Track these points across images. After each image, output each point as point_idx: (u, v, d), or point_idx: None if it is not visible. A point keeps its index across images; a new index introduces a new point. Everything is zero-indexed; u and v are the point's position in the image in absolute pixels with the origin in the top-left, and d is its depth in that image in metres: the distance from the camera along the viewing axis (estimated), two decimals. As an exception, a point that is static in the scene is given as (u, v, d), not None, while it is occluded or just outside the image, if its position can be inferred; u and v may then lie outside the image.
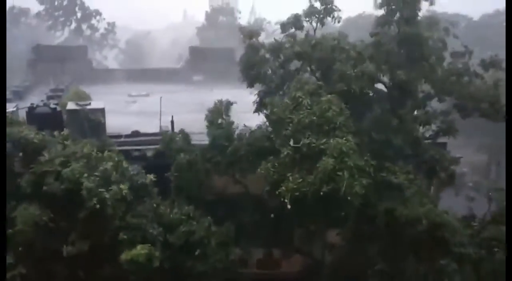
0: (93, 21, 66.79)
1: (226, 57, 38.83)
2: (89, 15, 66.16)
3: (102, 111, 19.20)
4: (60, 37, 68.20)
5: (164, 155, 16.34)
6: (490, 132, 49.32)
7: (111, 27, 68.00)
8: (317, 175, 12.50)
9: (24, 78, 37.42)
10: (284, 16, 17.57)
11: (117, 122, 21.49)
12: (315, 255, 17.06)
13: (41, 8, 66.42)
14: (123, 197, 13.34)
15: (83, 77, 36.58)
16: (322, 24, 16.88)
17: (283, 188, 12.74)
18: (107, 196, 13.05)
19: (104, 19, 66.90)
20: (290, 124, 13.56)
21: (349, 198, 12.25)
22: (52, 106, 19.19)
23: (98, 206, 12.88)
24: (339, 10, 16.53)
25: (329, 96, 13.74)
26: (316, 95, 14.03)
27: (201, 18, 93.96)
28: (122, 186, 13.43)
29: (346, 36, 16.62)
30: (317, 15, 16.69)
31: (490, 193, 17.01)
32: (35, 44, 43.42)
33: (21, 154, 14.43)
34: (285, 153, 13.27)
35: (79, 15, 66.51)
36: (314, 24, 16.94)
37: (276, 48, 16.76)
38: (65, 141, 14.82)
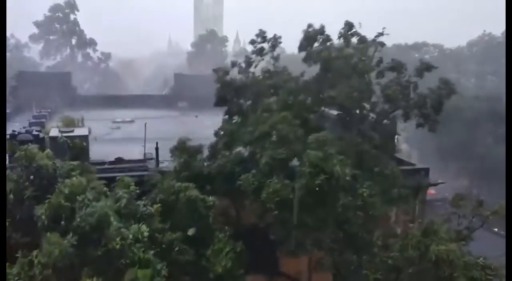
0: (88, 50, 67.19)
1: (211, 84, 39.15)
2: (84, 43, 66.50)
3: (85, 138, 19.05)
4: (51, 61, 68.19)
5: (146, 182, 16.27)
6: (468, 156, 50.53)
7: (106, 57, 68.41)
8: (305, 169, 13.54)
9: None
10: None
11: (100, 149, 21.31)
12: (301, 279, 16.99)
13: (36, 31, 66.29)
14: (142, 237, 13.00)
15: (67, 104, 36.39)
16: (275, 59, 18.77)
17: (264, 194, 13.78)
18: (130, 236, 12.68)
19: (97, 50, 67.44)
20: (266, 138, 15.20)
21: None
22: (35, 133, 18.96)
23: (118, 246, 12.44)
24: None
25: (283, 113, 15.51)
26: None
27: (185, 46, 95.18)
28: (142, 226, 13.13)
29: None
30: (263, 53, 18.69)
31: (473, 218, 17.27)
32: (17, 71, 43.24)
33: (32, 177, 14.09)
34: (264, 161, 14.51)
35: (73, 41, 66.80)
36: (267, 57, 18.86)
37: (244, 84, 18.43)
38: (72, 172, 14.52)
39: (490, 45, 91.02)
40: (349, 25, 17.62)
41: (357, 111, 17.36)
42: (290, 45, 20.35)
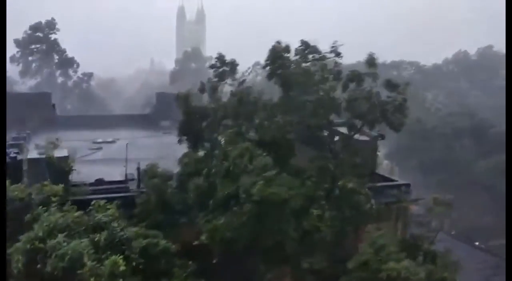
0: (69, 70, 66.60)
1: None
2: (66, 62, 65.92)
3: (65, 159, 18.78)
4: (32, 81, 67.39)
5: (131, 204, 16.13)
6: (447, 171, 51.36)
7: (87, 77, 67.90)
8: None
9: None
10: (251, 62, 19.30)
11: (80, 170, 21.01)
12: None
13: (15, 50, 65.54)
14: (118, 273, 12.43)
15: (47, 125, 35.90)
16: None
17: (203, 237, 13.64)
18: (106, 272, 12.13)
19: (78, 70, 66.92)
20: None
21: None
22: (12, 155, 18.64)
23: None
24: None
25: (245, 144, 15.08)
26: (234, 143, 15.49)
27: (168, 65, 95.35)
28: (118, 259, 12.50)
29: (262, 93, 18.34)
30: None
31: (452, 233, 17.55)
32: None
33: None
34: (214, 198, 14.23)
35: (54, 61, 66.17)
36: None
37: (208, 110, 18.18)
38: (53, 198, 14.14)
39: (465, 63, 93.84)
40: (305, 44, 17.57)
41: (326, 130, 17.37)
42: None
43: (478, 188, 49.93)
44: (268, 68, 17.53)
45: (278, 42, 17.68)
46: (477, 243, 41.56)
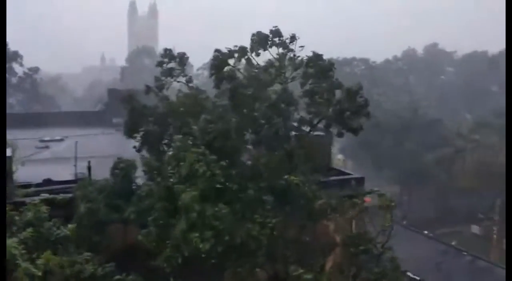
0: (14, 64, 62.74)
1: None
2: (9, 56, 61.93)
3: (8, 159, 17.73)
4: None
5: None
6: (397, 164, 53.39)
7: (33, 72, 64.26)
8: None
9: None
10: (204, 58, 18.59)
11: (26, 170, 19.96)
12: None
13: None
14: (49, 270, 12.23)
15: (-12, 123, 33.82)
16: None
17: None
18: (38, 273, 11.90)
19: (23, 64, 63.19)
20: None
21: None
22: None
23: None
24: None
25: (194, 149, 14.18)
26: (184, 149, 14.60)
27: (120, 62, 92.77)
28: (52, 258, 12.34)
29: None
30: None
31: (404, 222, 18.11)
32: None
33: None
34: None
35: None
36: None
37: (156, 110, 17.31)
38: None
39: (413, 60, 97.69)
40: (262, 38, 17.04)
41: (281, 129, 16.67)
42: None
43: (425, 180, 52.26)
44: (213, 77, 16.96)
45: (218, 51, 16.91)
46: (426, 232, 43.47)
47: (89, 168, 18.95)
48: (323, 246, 16.22)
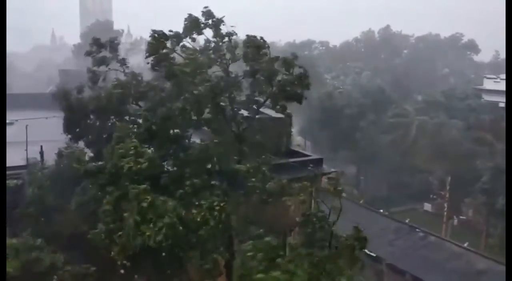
0: None
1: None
2: None
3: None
4: None
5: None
6: (354, 145, 54.86)
7: None
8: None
9: None
10: None
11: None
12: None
13: None
14: None
15: None
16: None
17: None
18: None
19: None
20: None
21: None
22: None
23: None
24: None
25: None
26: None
27: (71, 40, 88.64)
28: None
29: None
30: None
31: (361, 201, 18.61)
32: None
33: None
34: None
35: None
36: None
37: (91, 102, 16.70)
38: None
39: (371, 42, 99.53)
40: (193, 21, 16.36)
41: (229, 111, 16.49)
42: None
43: (381, 160, 54.00)
44: (150, 60, 16.17)
45: (155, 31, 16.03)
46: (381, 210, 45.09)
47: (41, 153, 18.23)
48: (277, 227, 16.42)
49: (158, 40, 15.87)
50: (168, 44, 16.19)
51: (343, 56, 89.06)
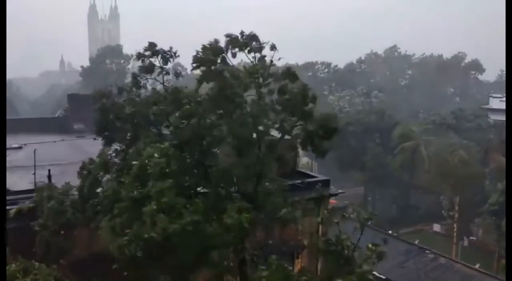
0: None
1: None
2: None
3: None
4: None
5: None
6: (362, 165, 54.60)
7: None
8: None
9: None
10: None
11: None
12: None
13: None
14: None
15: None
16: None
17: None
18: None
19: None
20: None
21: None
22: None
23: None
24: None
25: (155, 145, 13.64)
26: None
27: (78, 65, 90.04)
28: None
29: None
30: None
31: (369, 223, 18.28)
32: None
33: None
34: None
35: None
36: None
37: (127, 109, 16.32)
38: None
39: (375, 63, 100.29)
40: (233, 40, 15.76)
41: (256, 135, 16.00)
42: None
43: (389, 182, 53.61)
44: (199, 70, 15.71)
45: (216, 41, 15.51)
46: (390, 232, 44.50)
47: (49, 177, 18.32)
48: (290, 249, 16.26)
49: (209, 53, 15.35)
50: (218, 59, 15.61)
51: (347, 77, 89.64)
